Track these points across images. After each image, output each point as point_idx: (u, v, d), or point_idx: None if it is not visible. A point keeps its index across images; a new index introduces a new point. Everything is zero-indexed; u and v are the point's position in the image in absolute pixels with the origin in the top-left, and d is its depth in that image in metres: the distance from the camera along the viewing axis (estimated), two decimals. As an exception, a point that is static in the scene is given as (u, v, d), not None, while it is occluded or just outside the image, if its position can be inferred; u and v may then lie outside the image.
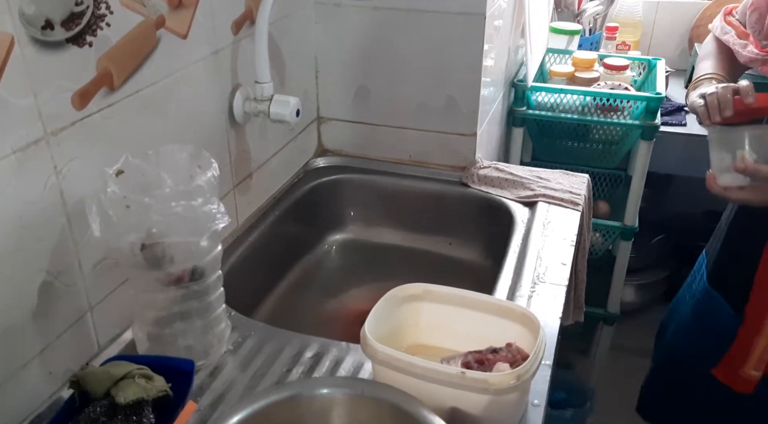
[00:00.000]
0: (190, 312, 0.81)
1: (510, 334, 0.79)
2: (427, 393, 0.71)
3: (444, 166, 1.33)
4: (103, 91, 0.79)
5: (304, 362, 0.85)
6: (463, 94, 1.26)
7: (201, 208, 0.75)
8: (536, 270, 1.02)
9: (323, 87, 1.34)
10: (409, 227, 1.35)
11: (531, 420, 0.75)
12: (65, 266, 0.77)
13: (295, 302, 1.22)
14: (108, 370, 0.72)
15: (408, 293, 0.84)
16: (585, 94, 1.64)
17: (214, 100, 1.02)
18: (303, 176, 1.33)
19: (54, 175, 0.74)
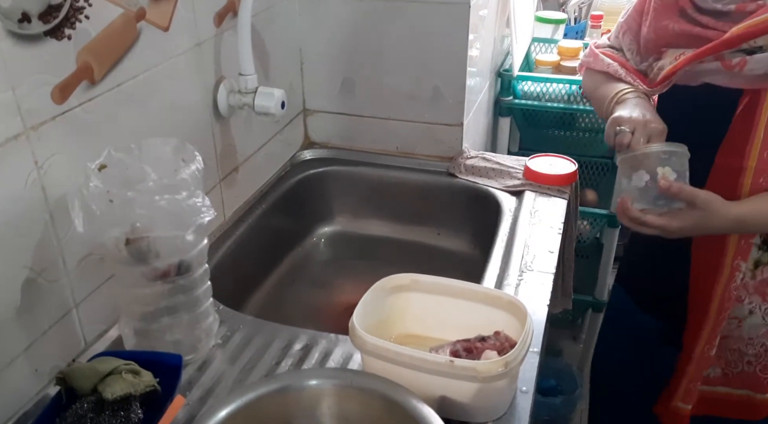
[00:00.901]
0: (177, 307, 0.80)
1: (498, 322, 0.80)
2: (416, 382, 0.71)
3: (431, 156, 1.33)
4: (84, 85, 0.78)
5: (293, 355, 0.85)
6: (449, 84, 1.26)
7: (185, 201, 0.74)
8: (524, 258, 1.03)
9: (308, 79, 1.33)
10: (397, 218, 1.35)
11: (520, 407, 0.76)
12: (49, 262, 0.76)
13: (283, 296, 1.22)
14: (95, 366, 0.71)
15: (396, 284, 0.84)
16: (571, 82, 1.64)
17: (197, 94, 1.01)
18: (290, 169, 1.33)
19: (35, 171, 0.73)
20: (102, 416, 0.68)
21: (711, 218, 0.89)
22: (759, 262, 0.97)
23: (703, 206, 0.88)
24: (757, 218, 0.91)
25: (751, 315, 1.01)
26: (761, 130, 0.89)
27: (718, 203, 0.88)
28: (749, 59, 0.86)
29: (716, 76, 0.91)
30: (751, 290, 0.99)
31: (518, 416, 0.75)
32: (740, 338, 1.03)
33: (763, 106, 0.88)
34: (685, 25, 0.92)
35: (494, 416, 0.74)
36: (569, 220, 1.19)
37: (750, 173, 0.90)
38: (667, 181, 0.87)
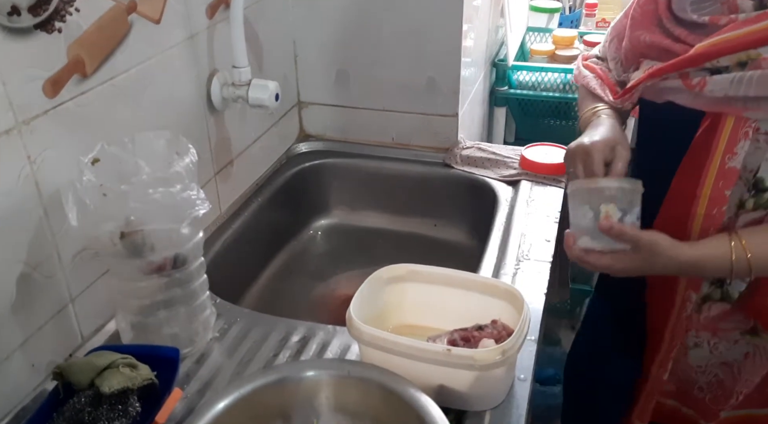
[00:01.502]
0: (174, 300, 0.80)
1: (495, 311, 0.80)
2: (414, 372, 0.71)
3: (427, 147, 1.33)
4: (76, 79, 0.77)
5: (291, 347, 0.85)
6: (444, 75, 1.25)
7: (180, 194, 0.74)
8: (520, 247, 1.03)
9: (303, 71, 1.33)
10: (393, 209, 1.35)
11: (518, 395, 0.76)
12: (44, 257, 0.76)
13: (281, 289, 1.21)
14: (91, 360, 0.71)
15: (392, 274, 0.84)
16: (566, 71, 1.63)
17: (190, 87, 1.00)
18: (285, 162, 1.32)
19: (28, 165, 0.72)
20: (100, 410, 0.68)
21: (656, 262, 0.81)
22: (708, 297, 0.91)
23: (647, 249, 0.80)
24: (708, 264, 0.81)
25: (696, 347, 0.96)
26: (718, 157, 0.81)
27: (664, 246, 0.80)
28: (709, 80, 0.79)
29: (679, 95, 0.83)
30: (697, 324, 0.94)
31: (516, 404, 0.75)
32: (688, 366, 0.99)
33: (722, 131, 0.80)
34: (657, 36, 0.85)
35: (492, 405, 0.74)
36: (566, 209, 1.19)
37: (703, 202, 0.83)
38: (608, 221, 0.80)
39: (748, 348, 0.94)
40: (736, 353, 0.95)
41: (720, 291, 0.90)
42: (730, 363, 0.96)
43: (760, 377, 0.95)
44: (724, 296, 0.90)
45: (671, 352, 0.97)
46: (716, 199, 0.82)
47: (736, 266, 0.80)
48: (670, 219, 0.86)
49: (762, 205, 0.82)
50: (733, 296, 0.90)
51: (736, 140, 0.80)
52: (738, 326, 0.92)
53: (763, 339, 0.92)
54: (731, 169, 0.81)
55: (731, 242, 0.80)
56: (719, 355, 0.96)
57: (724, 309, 0.91)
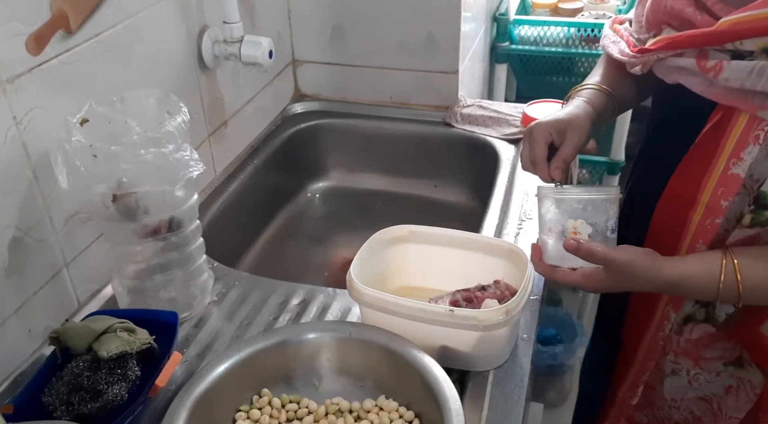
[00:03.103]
0: (170, 264, 0.79)
1: (498, 271, 0.78)
2: (416, 333, 0.70)
3: (426, 106, 1.29)
4: (60, 35, 0.74)
5: (291, 310, 0.83)
6: (443, 30, 1.21)
7: (172, 155, 0.71)
8: (523, 207, 1.01)
9: (297, 27, 1.28)
10: (392, 171, 1.32)
11: (521, 355, 0.75)
12: (35, 221, 0.74)
13: (279, 252, 1.20)
14: (88, 325, 0.70)
15: (393, 235, 0.82)
16: (569, 25, 1.59)
17: (180, 43, 0.96)
18: (281, 123, 1.29)
19: (14, 126, 0.70)
20: (99, 375, 0.67)
21: (633, 282, 0.71)
22: (691, 318, 0.80)
23: (621, 271, 0.70)
24: (691, 286, 0.71)
25: (673, 375, 0.86)
26: (723, 160, 0.70)
27: (641, 266, 0.70)
28: (726, 66, 0.66)
29: (691, 79, 0.71)
30: (676, 347, 0.83)
31: (519, 363, 0.74)
32: (662, 397, 0.89)
33: (732, 130, 0.68)
34: (679, 1, 0.72)
35: (495, 364, 0.73)
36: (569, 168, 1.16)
37: (701, 210, 0.73)
38: (574, 241, 0.70)
39: (731, 381, 0.83)
40: (715, 386, 0.84)
41: (705, 311, 0.79)
42: (709, 398, 0.85)
43: (743, 414, 0.84)
44: (709, 317, 0.80)
45: (642, 375, 0.88)
46: (712, 209, 0.72)
47: (724, 291, 0.69)
48: (664, 224, 0.77)
49: (759, 223, 0.70)
50: (719, 318, 0.79)
51: (746, 143, 0.68)
52: (723, 355, 0.82)
53: (748, 372, 0.81)
54: (734, 176, 0.69)
55: (723, 261, 0.69)
56: (698, 387, 0.85)
57: (707, 332, 0.80)
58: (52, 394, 0.66)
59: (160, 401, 0.70)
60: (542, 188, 0.76)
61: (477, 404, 0.69)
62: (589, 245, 0.70)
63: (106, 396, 0.65)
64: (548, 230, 0.75)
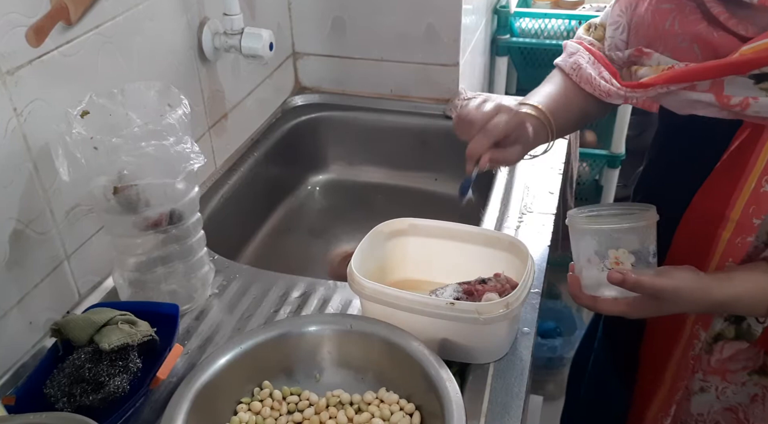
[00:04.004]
0: (171, 256, 0.79)
1: (499, 264, 0.79)
2: (416, 326, 0.71)
3: (426, 99, 1.29)
4: (60, 27, 0.74)
5: (291, 302, 0.84)
6: (444, 22, 1.21)
7: (173, 147, 0.71)
8: (523, 200, 1.01)
9: (297, 20, 1.28)
10: (393, 164, 1.32)
11: (521, 347, 0.75)
12: (36, 213, 0.74)
13: (279, 245, 1.20)
14: (89, 317, 0.70)
15: (394, 228, 0.82)
16: (570, 18, 1.58)
17: (181, 36, 0.96)
18: (281, 116, 1.29)
19: (15, 118, 0.70)
20: (100, 366, 0.67)
21: (680, 306, 0.69)
22: (721, 335, 0.78)
23: (669, 298, 0.68)
24: (742, 303, 0.69)
25: (702, 392, 0.83)
26: (754, 177, 0.67)
27: (689, 290, 0.68)
28: (753, 103, 0.63)
29: (710, 110, 0.68)
30: (706, 366, 0.81)
31: (519, 356, 0.74)
32: (689, 413, 0.86)
33: (763, 146, 0.66)
34: (688, 14, 0.68)
35: (496, 357, 0.74)
36: (569, 160, 1.17)
37: (731, 227, 0.70)
38: (620, 273, 0.66)
39: (756, 390, 0.81)
40: (741, 396, 0.82)
41: (734, 329, 0.77)
42: (735, 408, 0.83)
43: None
44: (742, 334, 0.77)
45: (675, 395, 0.84)
46: (743, 227, 0.69)
47: None
48: (689, 240, 0.74)
49: None
50: (756, 333, 0.76)
51: None
52: (747, 365, 0.79)
53: (757, 381, 0.80)
54: (766, 193, 0.67)
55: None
56: (725, 400, 0.83)
57: (740, 349, 0.78)
58: (54, 386, 0.67)
59: (161, 393, 0.70)
60: (574, 217, 0.71)
61: (477, 396, 0.69)
62: (636, 276, 0.66)
63: (107, 388, 0.65)
64: (587, 261, 0.71)
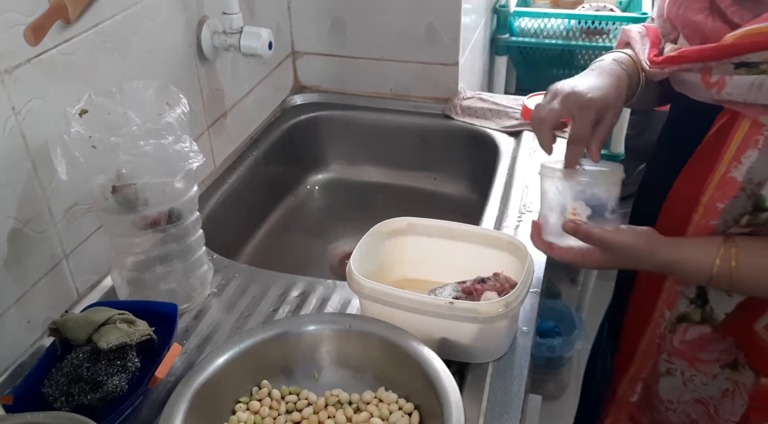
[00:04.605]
0: (170, 255, 0.79)
1: (498, 263, 0.78)
2: (416, 325, 0.70)
3: (426, 98, 1.29)
4: (59, 26, 0.73)
5: (290, 302, 0.84)
6: (444, 21, 1.21)
7: (172, 146, 0.71)
8: (523, 200, 1.01)
9: (296, 19, 1.28)
10: (392, 163, 1.32)
11: (520, 347, 0.75)
12: (34, 212, 0.74)
13: (279, 245, 1.20)
14: (88, 316, 0.70)
15: (392, 228, 0.82)
16: (570, 17, 1.58)
17: (180, 34, 0.96)
18: (280, 115, 1.29)
19: (13, 117, 0.69)
20: (98, 366, 0.67)
21: (629, 262, 0.73)
22: (685, 317, 0.80)
23: (618, 252, 0.72)
24: (686, 268, 0.72)
25: (668, 375, 0.85)
26: (725, 163, 0.69)
27: (638, 248, 0.71)
28: (728, 81, 0.65)
29: (697, 92, 0.71)
30: (670, 347, 0.83)
31: (519, 356, 0.74)
32: (659, 397, 0.88)
33: (735, 134, 0.68)
34: (692, 8, 0.70)
35: (495, 356, 0.73)
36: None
37: (701, 211, 0.72)
38: (573, 223, 0.71)
39: (727, 385, 0.82)
40: (712, 389, 0.83)
41: (701, 312, 0.79)
42: (705, 401, 0.85)
43: (739, 417, 0.83)
44: (706, 317, 0.79)
45: (641, 373, 0.88)
46: (709, 211, 0.71)
47: (717, 275, 0.69)
48: (669, 224, 0.76)
49: (755, 224, 0.70)
50: (718, 318, 0.78)
51: (747, 147, 0.67)
52: (719, 358, 0.81)
53: (743, 375, 0.80)
54: (731, 179, 0.69)
55: (720, 248, 0.69)
56: (694, 389, 0.84)
57: (703, 334, 0.79)
58: (52, 385, 0.66)
59: (159, 393, 0.70)
60: (545, 167, 0.76)
61: (476, 395, 0.69)
62: (588, 227, 0.71)
63: (105, 387, 0.65)
64: (549, 209, 0.75)
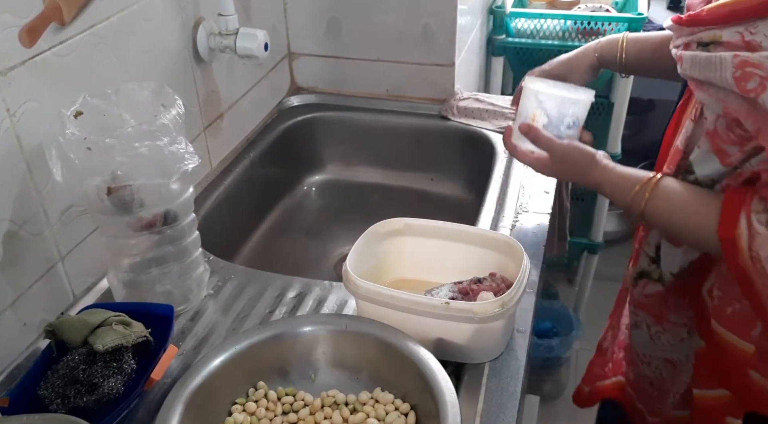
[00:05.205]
0: (166, 257, 0.78)
1: (494, 263, 0.79)
2: (412, 326, 0.70)
3: (422, 99, 1.29)
4: (54, 27, 0.73)
5: (287, 303, 0.83)
6: (440, 22, 1.21)
7: (167, 148, 0.71)
8: (519, 200, 1.01)
9: (292, 20, 1.28)
10: (389, 164, 1.32)
11: (516, 347, 0.75)
12: (30, 214, 0.74)
13: (276, 246, 1.20)
14: (84, 318, 0.70)
15: (389, 228, 0.82)
16: (566, 18, 1.58)
17: (175, 36, 0.96)
18: (277, 116, 1.29)
19: (8, 119, 0.69)
20: (94, 368, 0.67)
21: (571, 174, 0.82)
22: (644, 274, 0.87)
23: (558, 157, 0.80)
24: (609, 190, 0.80)
25: (636, 328, 0.93)
26: (680, 135, 0.77)
27: (574, 158, 0.80)
28: (684, 56, 0.70)
29: (676, 65, 0.74)
30: (633, 299, 0.91)
31: (515, 356, 0.74)
32: (635, 351, 0.95)
33: (689, 107, 0.77)
34: None
35: (491, 357, 0.73)
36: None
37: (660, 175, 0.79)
38: (528, 125, 0.81)
39: (689, 351, 0.88)
40: (680, 351, 0.89)
41: (659, 272, 0.85)
42: (675, 361, 0.91)
43: (689, 379, 0.89)
44: (659, 276, 0.86)
45: (616, 317, 1.00)
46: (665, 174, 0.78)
47: (632, 202, 0.76)
48: None
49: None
50: (666, 277, 0.85)
51: (687, 119, 0.76)
52: (687, 323, 0.87)
53: (693, 340, 0.87)
54: (676, 147, 0.78)
55: (643, 180, 0.76)
56: (663, 348, 0.90)
57: (658, 291, 0.86)
58: (48, 387, 0.66)
59: (155, 395, 0.70)
60: (527, 76, 0.88)
61: (472, 396, 0.69)
62: (538, 130, 0.81)
63: (101, 389, 0.65)
64: (519, 114, 0.84)
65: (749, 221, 0.66)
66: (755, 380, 0.78)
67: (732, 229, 0.67)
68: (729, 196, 0.70)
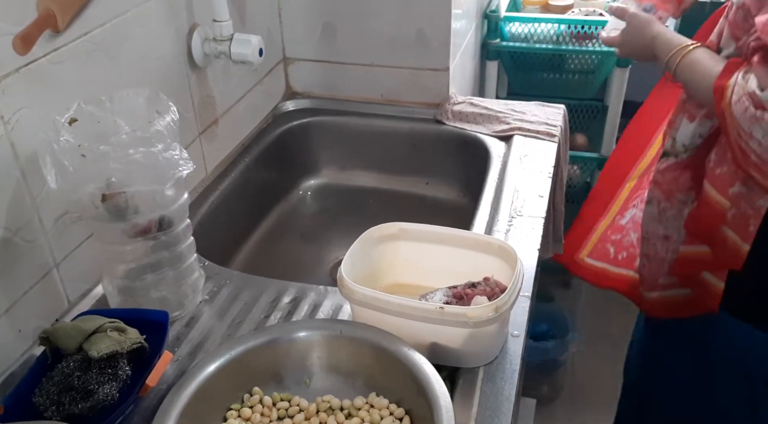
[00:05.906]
0: (161, 263, 0.79)
1: (488, 268, 0.79)
2: (406, 330, 0.71)
3: (417, 103, 1.30)
4: (48, 35, 0.73)
5: (282, 308, 0.84)
6: (434, 27, 1.21)
7: (162, 154, 0.71)
8: (513, 204, 1.01)
9: (287, 25, 1.28)
10: (384, 168, 1.32)
11: (511, 351, 0.76)
12: (24, 221, 0.74)
13: (271, 251, 1.20)
14: (78, 324, 0.70)
15: (384, 233, 0.82)
16: (559, 22, 1.59)
17: (170, 42, 0.96)
18: (272, 121, 1.29)
19: (2, 126, 0.69)
20: (89, 374, 0.67)
21: (636, 36, 1.02)
22: (666, 153, 1.02)
23: (631, 21, 1.02)
24: (660, 45, 0.97)
25: (649, 204, 1.06)
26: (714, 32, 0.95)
27: (643, 17, 1.01)
28: None
29: None
30: (654, 179, 1.05)
31: (510, 360, 0.74)
32: (643, 229, 1.08)
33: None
34: None
35: (486, 361, 0.74)
36: (559, 163, 1.17)
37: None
38: (618, 7, 1.04)
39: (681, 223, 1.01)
40: (676, 229, 1.02)
41: (675, 146, 1.01)
42: (670, 238, 1.03)
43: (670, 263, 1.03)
44: (675, 151, 1.01)
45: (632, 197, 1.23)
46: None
47: (672, 57, 0.95)
48: None
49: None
50: (678, 150, 1.00)
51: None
52: (688, 204, 1.00)
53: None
54: (710, 41, 0.97)
55: (683, 43, 0.94)
56: (665, 224, 1.03)
57: (669, 164, 1.02)
58: (43, 394, 0.66)
59: (150, 401, 0.70)
60: None
61: (467, 400, 0.69)
62: (618, 5, 1.05)
63: (96, 396, 0.65)
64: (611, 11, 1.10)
65: (737, 77, 0.83)
66: (729, 236, 0.91)
67: (725, 80, 0.85)
68: (733, 60, 0.88)
